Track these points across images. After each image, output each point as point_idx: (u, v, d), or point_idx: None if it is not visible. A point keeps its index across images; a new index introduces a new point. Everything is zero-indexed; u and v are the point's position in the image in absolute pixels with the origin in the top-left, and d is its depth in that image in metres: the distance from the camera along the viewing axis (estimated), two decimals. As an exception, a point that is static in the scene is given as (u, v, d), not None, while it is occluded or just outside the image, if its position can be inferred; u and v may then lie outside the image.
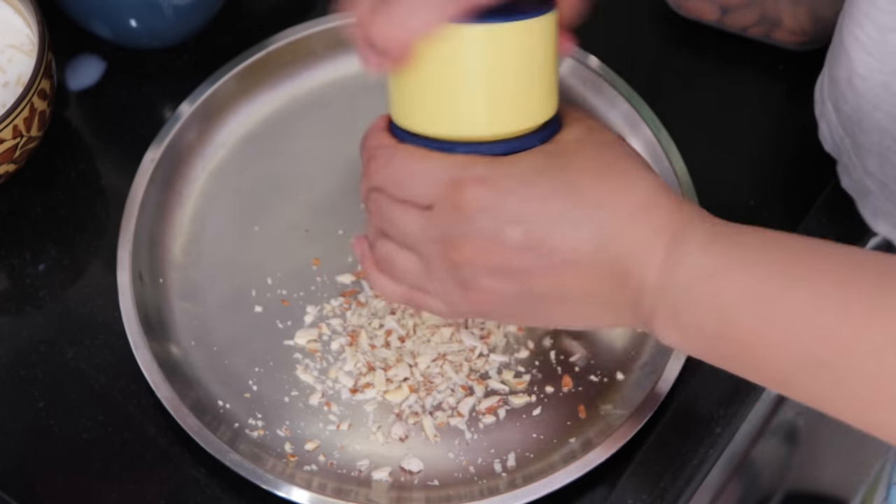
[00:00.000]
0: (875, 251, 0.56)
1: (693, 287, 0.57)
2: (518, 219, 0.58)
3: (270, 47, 0.81)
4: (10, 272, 0.78)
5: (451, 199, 0.59)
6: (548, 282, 0.60)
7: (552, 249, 0.59)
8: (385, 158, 0.62)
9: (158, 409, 0.71)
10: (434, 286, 0.63)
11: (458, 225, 0.59)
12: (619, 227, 0.58)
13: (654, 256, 0.57)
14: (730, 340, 0.56)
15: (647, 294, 0.58)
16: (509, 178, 0.59)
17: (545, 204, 0.58)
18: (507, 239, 0.59)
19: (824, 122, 0.75)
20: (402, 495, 0.70)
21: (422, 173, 0.60)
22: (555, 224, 0.58)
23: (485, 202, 0.59)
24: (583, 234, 0.58)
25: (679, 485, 0.70)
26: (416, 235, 0.61)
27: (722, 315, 0.56)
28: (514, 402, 0.73)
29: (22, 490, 0.71)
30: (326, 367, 0.74)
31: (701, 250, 0.57)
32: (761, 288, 0.55)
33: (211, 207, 0.79)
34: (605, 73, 0.80)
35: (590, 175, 0.59)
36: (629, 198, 0.59)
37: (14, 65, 0.78)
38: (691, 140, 0.79)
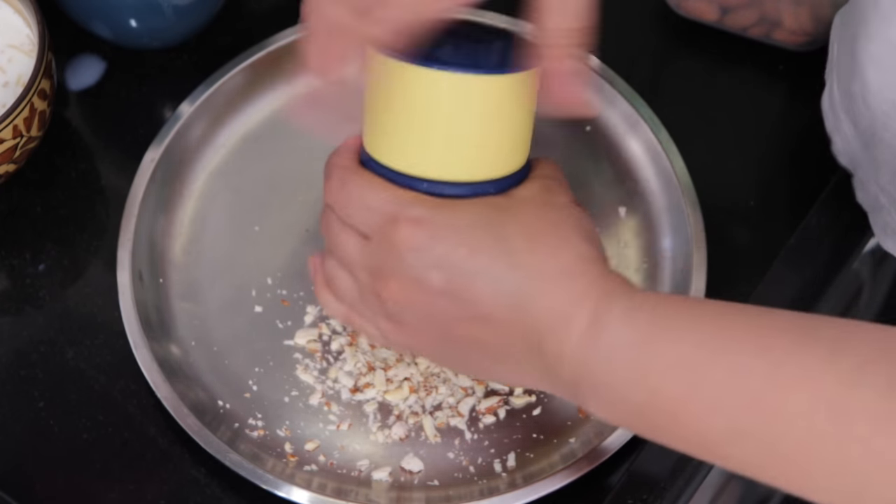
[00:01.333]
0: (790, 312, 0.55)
1: (615, 358, 0.56)
2: (442, 265, 0.59)
3: (270, 47, 0.81)
4: (10, 272, 0.78)
5: (386, 233, 0.60)
6: (467, 330, 0.60)
7: (470, 300, 0.59)
8: (340, 181, 0.63)
9: (158, 409, 0.71)
10: (366, 312, 0.64)
11: (388, 260, 0.60)
12: (537, 290, 0.58)
13: (574, 326, 0.57)
14: (655, 412, 0.56)
15: (566, 366, 0.58)
16: (444, 225, 0.60)
17: (471, 255, 0.59)
18: (429, 282, 0.59)
19: (838, 136, 0.75)
20: (402, 495, 0.70)
21: (366, 203, 0.61)
22: (476, 276, 0.59)
23: (415, 243, 0.59)
24: (500, 291, 0.59)
25: (679, 485, 0.70)
26: (353, 261, 0.63)
27: (645, 388, 0.56)
28: (514, 402, 0.73)
29: (22, 490, 0.71)
30: (326, 367, 0.74)
31: (623, 320, 0.56)
32: (686, 358, 0.55)
33: (211, 207, 0.79)
34: (605, 73, 0.80)
35: (523, 235, 0.59)
36: (554, 262, 0.59)
37: (14, 65, 0.78)
38: (691, 140, 0.79)
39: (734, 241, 0.78)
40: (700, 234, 0.75)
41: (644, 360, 0.56)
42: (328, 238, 0.64)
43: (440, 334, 0.61)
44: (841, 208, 0.78)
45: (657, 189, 0.78)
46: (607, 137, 0.80)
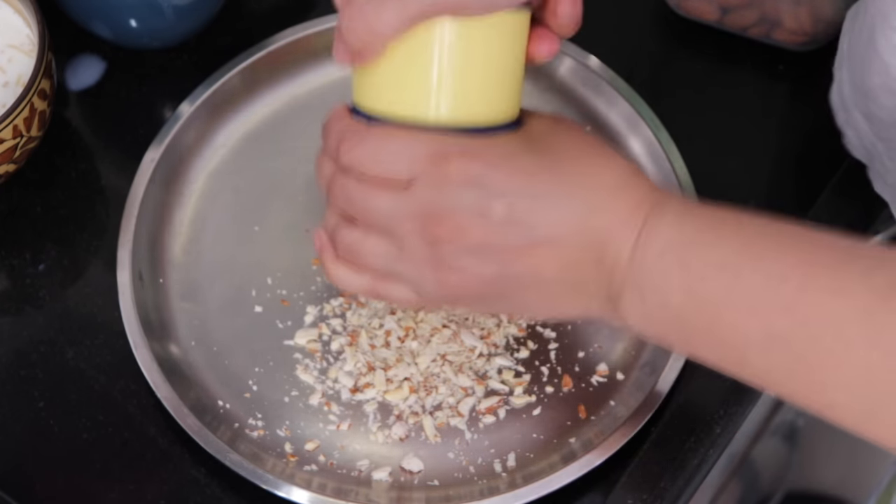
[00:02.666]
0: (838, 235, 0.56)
1: (662, 258, 0.57)
2: (503, 193, 0.58)
3: (270, 47, 0.81)
4: (10, 272, 0.78)
5: (437, 171, 0.58)
6: (526, 261, 0.59)
7: (535, 225, 0.58)
8: (358, 137, 0.60)
9: (158, 409, 0.71)
10: (406, 269, 0.61)
11: (441, 198, 0.58)
12: (601, 204, 0.58)
13: (631, 232, 0.58)
14: (693, 313, 0.56)
15: (618, 273, 0.58)
16: (494, 154, 0.59)
17: (530, 179, 0.58)
18: (491, 213, 0.58)
19: (851, 130, 0.75)
20: (402, 495, 0.70)
21: (402, 148, 0.59)
22: (539, 199, 0.58)
23: (471, 174, 0.58)
24: (566, 210, 0.58)
25: (679, 485, 0.70)
26: (389, 215, 0.60)
27: (686, 288, 0.56)
28: (514, 402, 0.73)
29: (22, 490, 0.71)
30: (326, 367, 0.74)
31: (674, 223, 0.57)
32: (727, 259, 0.56)
33: (211, 207, 0.79)
34: (605, 73, 0.80)
35: (569, 156, 0.59)
36: (608, 176, 0.59)
37: (14, 65, 0.78)
38: (691, 140, 0.79)
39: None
40: (700, 234, 0.75)
41: (687, 260, 0.56)
42: (347, 204, 0.61)
43: (495, 272, 0.59)
44: (842, 207, 0.78)
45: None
46: (607, 137, 0.80)
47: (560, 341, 0.74)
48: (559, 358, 0.74)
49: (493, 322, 0.74)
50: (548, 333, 0.75)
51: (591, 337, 0.74)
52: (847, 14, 0.76)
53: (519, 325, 0.74)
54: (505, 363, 0.73)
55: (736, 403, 0.72)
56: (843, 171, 0.79)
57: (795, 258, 0.54)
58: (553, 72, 0.81)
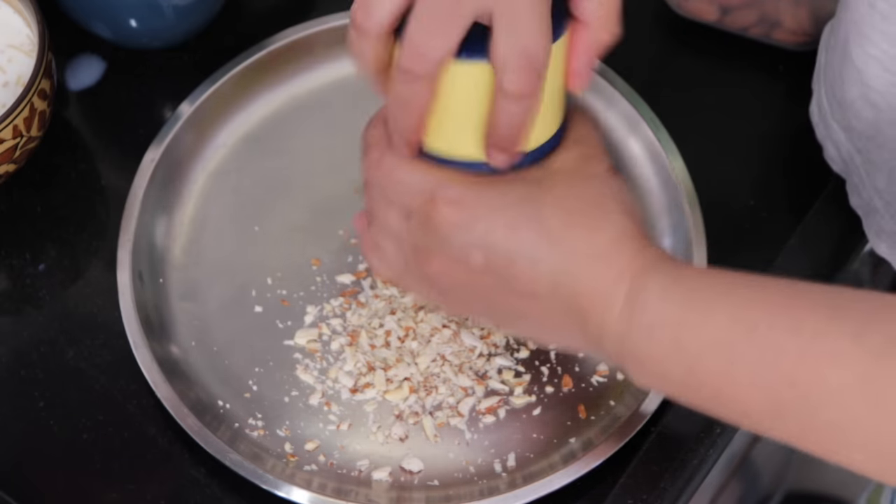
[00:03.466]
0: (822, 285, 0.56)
1: (653, 337, 0.57)
2: (482, 244, 0.60)
3: (270, 47, 0.81)
4: (10, 272, 0.78)
5: (426, 213, 0.61)
6: (511, 304, 0.61)
7: (512, 278, 0.60)
8: (377, 159, 0.63)
9: (158, 409, 0.71)
10: (413, 281, 0.64)
11: (429, 239, 0.61)
12: (577, 270, 0.59)
13: (613, 304, 0.58)
14: (697, 388, 0.57)
15: (610, 340, 0.59)
16: (481, 204, 0.60)
17: (510, 235, 0.59)
18: (470, 261, 0.60)
19: (830, 144, 0.75)
20: (402, 495, 0.70)
21: (403, 183, 0.62)
22: (516, 255, 0.59)
23: (454, 222, 0.60)
24: (539, 271, 0.59)
25: (679, 485, 0.70)
26: (397, 235, 0.63)
27: (685, 365, 0.56)
28: (514, 402, 0.73)
29: (22, 490, 0.71)
30: (326, 367, 0.74)
31: (660, 298, 0.57)
32: (720, 337, 0.55)
33: (211, 207, 0.79)
34: (605, 73, 0.80)
35: (560, 212, 0.60)
36: (592, 241, 0.59)
37: (14, 65, 0.78)
38: (691, 140, 0.79)
39: (734, 241, 0.78)
40: (700, 234, 0.75)
41: (681, 339, 0.56)
42: (371, 209, 0.65)
43: (486, 305, 0.62)
44: (841, 208, 0.78)
45: (657, 189, 0.78)
46: (607, 137, 0.80)
47: (560, 341, 0.74)
48: (559, 358, 0.74)
49: (493, 322, 0.74)
50: (548, 333, 0.75)
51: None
52: (825, 29, 0.76)
53: (519, 325, 0.75)
54: (505, 363, 0.73)
55: (736, 403, 0.72)
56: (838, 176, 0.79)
57: (787, 325, 0.54)
58: (553, 72, 0.81)
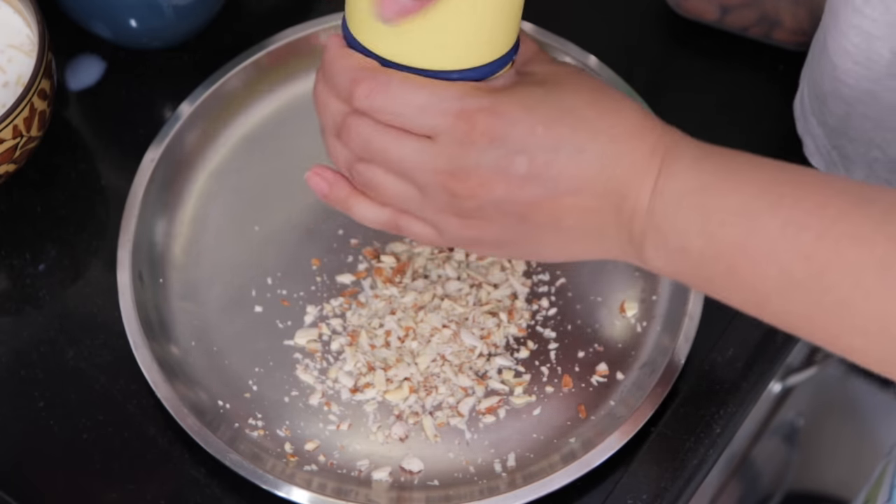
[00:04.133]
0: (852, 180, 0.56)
1: (681, 203, 0.57)
2: (524, 148, 0.58)
3: (270, 47, 0.81)
4: (10, 272, 0.78)
5: (460, 129, 0.59)
6: (546, 211, 0.60)
7: (555, 177, 0.59)
8: (379, 83, 0.60)
9: (158, 409, 0.71)
10: (427, 212, 0.62)
11: (465, 157, 0.59)
12: (618, 150, 0.59)
13: (649, 179, 0.58)
14: (713, 258, 0.57)
15: (638, 219, 0.59)
16: (515, 108, 0.59)
17: (549, 130, 0.59)
18: (513, 169, 0.59)
19: (809, 138, 0.76)
20: (402, 495, 0.70)
21: (429, 103, 0.59)
22: (559, 152, 0.59)
23: (494, 132, 0.58)
24: (585, 159, 0.59)
25: (679, 485, 0.70)
26: (413, 164, 0.60)
27: (706, 234, 0.57)
28: (514, 402, 0.73)
29: (22, 490, 0.71)
30: (326, 367, 0.74)
31: (692, 168, 0.58)
32: (745, 205, 0.56)
33: (211, 207, 0.79)
34: (605, 73, 0.80)
35: (585, 104, 0.59)
36: (624, 121, 0.59)
37: (14, 65, 0.78)
38: (691, 140, 0.79)
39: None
40: (700, 234, 0.75)
41: (706, 206, 0.57)
42: (364, 147, 0.61)
43: (517, 221, 0.60)
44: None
45: (657, 189, 0.78)
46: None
47: (560, 341, 0.74)
48: (559, 358, 0.74)
49: (493, 322, 0.74)
50: (548, 333, 0.75)
51: (591, 337, 0.74)
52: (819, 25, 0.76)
53: (519, 325, 0.75)
54: (505, 363, 0.73)
55: (736, 403, 0.72)
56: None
57: (812, 203, 0.55)
58: (553, 72, 0.81)
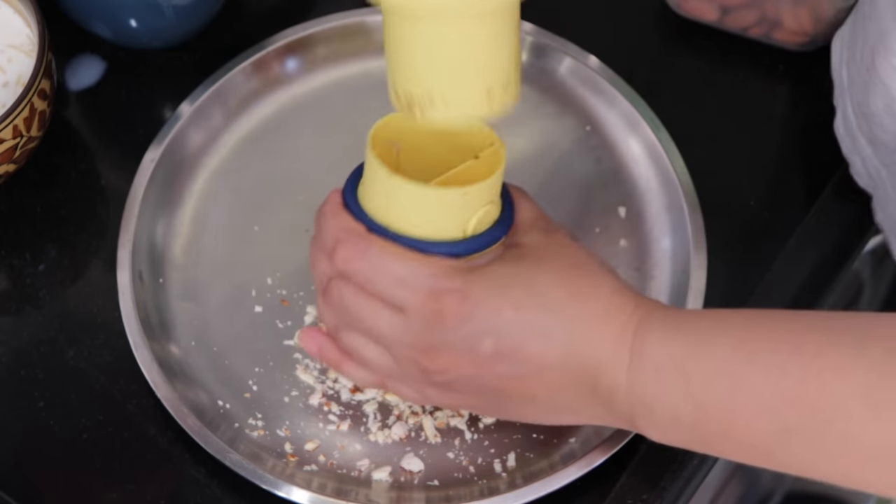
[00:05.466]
0: (823, 312, 0.57)
1: (660, 379, 0.58)
2: (491, 329, 0.60)
3: (270, 47, 0.81)
4: (10, 272, 0.78)
5: (430, 308, 0.60)
6: (519, 388, 0.62)
7: (524, 359, 0.60)
8: (358, 250, 0.62)
9: (158, 409, 0.71)
10: (405, 382, 0.64)
11: (433, 334, 0.61)
12: (586, 335, 0.60)
13: (622, 360, 0.59)
14: (706, 424, 0.58)
15: (621, 396, 0.60)
16: (483, 289, 0.60)
17: (516, 313, 0.60)
18: (480, 349, 0.60)
19: (857, 158, 0.75)
20: (402, 495, 0.70)
21: (400, 277, 0.61)
22: (525, 333, 0.60)
23: (462, 314, 0.60)
24: (552, 343, 0.60)
25: (679, 485, 0.70)
26: (387, 335, 0.62)
27: (692, 400, 0.57)
28: (514, 402, 0.73)
29: (22, 490, 0.71)
30: (326, 367, 0.73)
31: (663, 342, 0.58)
32: (723, 366, 0.57)
33: (211, 207, 0.79)
34: (605, 73, 0.80)
35: (556, 284, 0.61)
36: (593, 303, 0.60)
37: (14, 65, 0.78)
38: (691, 140, 0.79)
39: (734, 241, 0.78)
40: (700, 234, 0.75)
41: (687, 376, 0.57)
42: (345, 313, 0.63)
43: (492, 394, 0.62)
44: (841, 208, 0.78)
45: (657, 189, 0.78)
46: (607, 137, 0.80)
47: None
48: (559, 358, 0.74)
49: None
50: (548, 333, 0.75)
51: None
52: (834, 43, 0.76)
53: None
54: (505, 363, 0.73)
55: (736, 403, 0.72)
56: (844, 171, 0.79)
57: (789, 346, 0.55)
58: (553, 72, 0.81)
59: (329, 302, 0.64)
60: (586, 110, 0.81)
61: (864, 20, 0.71)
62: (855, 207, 0.78)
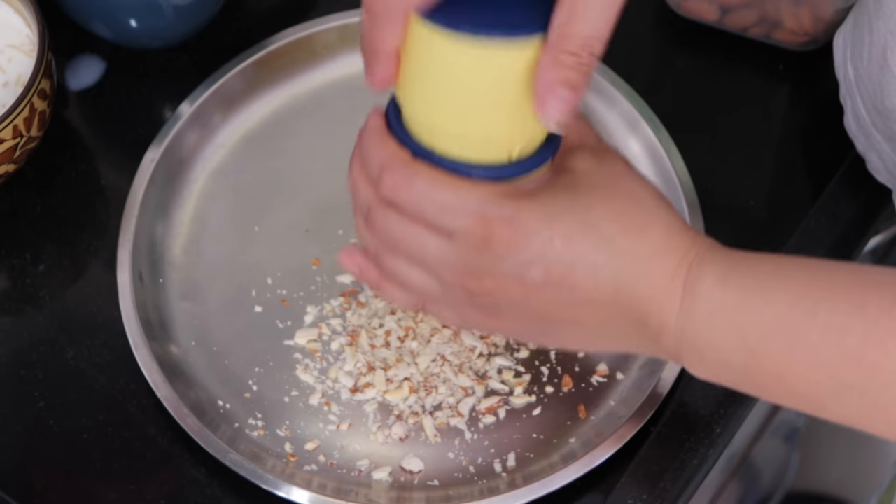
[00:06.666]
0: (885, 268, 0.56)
1: (714, 325, 0.57)
2: (540, 259, 0.59)
3: (270, 47, 0.81)
4: (10, 272, 0.78)
5: (479, 235, 0.59)
6: (565, 314, 0.60)
7: (572, 287, 0.59)
8: (405, 178, 0.60)
9: (158, 409, 0.71)
10: (449, 304, 0.63)
11: (481, 260, 0.60)
12: (637, 272, 0.59)
13: (673, 300, 0.58)
14: (758, 373, 0.57)
15: (670, 336, 0.59)
16: (534, 218, 0.59)
17: (567, 243, 0.59)
18: (529, 277, 0.59)
19: (874, 154, 0.75)
20: (402, 495, 0.70)
21: (450, 205, 0.60)
22: (576, 265, 0.59)
23: (510, 242, 0.59)
24: (602, 277, 0.59)
25: (679, 485, 0.70)
26: (434, 259, 0.61)
27: (746, 349, 0.56)
28: (514, 402, 0.73)
29: (22, 490, 0.71)
30: (326, 367, 0.74)
31: (718, 287, 0.57)
32: (782, 318, 0.56)
33: (211, 207, 0.79)
34: (605, 73, 0.80)
35: (610, 217, 0.59)
36: (646, 240, 0.59)
37: (14, 65, 0.78)
38: (691, 140, 0.79)
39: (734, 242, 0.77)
40: (700, 234, 0.75)
41: (741, 324, 0.56)
42: (389, 237, 0.62)
43: (538, 319, 0.61)
44: (841, 208, 0.78)
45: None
46: (607, 137, 0.80)
47: (560, 341, 0.74)
48: (559, 358, 0.74)
49: (493, 322, 0.74)
50: (548, 333, 0.75)
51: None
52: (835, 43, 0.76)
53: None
54: (505, 363, 0.73)
55: (736, 403, 0.72)
56: (844, 172, 0.79)
57: (850, 305, 0.54)
58: (553, 72, 0.81)
59: (372, 227, 0.63)
60: (586, 110, 0.80)
61: (869, 18, 0.71)
62: (855, 207, 0.78)
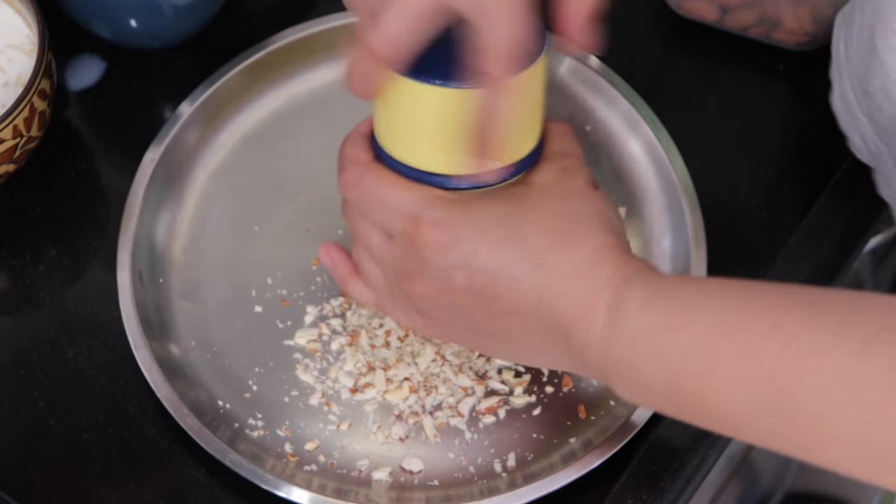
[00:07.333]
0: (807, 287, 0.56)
1: (637, 347, 0.58)
2: (464, 265, 0.60)
3: (270, 47, 0.81)
4: (10, 272, 0.78)
5: (408, 234, 0.61)
6: (494, 326, 0.62)
7: (495, 297, 0.60)
8: (355, 176, 0.63)
9: (158, 409, 0.71)
10: (396, 304, 0.65)
11: (411, 260, 0.61)
12: (558, 289, 0.59)
13: (595, 320, 0.59)
14: (678, 393, 0.57)
15: (593, 356, 0.59)
16: (464, 225, 0.60)
17: (492, 254, 0.60)
18: (453, 282, 0.61)
19: (856, 134, 0.75)
20: (402, 495, 0.70)
21: (385, 203, 0.62)
22: (497, 276, 0.60)
23: (437, 245, 0.60)
24: (522, 290, 0.60)
25: (679, 485, 0.70)
26: (379, 255, 0.64)
27: (667, 369, 0.57)
28: (514, 402, 0.73)
29: (22, 490, 0.71)
30: (326, 367, 0.74)
31: (641, 309, 0.58)
32: (702, 338, 0.56)
33: (211, 207, 0.79)
34: (605, 73, 0.80)
35: (541, 232, 0.60)
36: (572, 258, 0.60)
37: (14, 65, 0.78)
38: (691, 140, 0.79)
39: (734, 241, 0.78)
40: (700, 234, 0.75)
41: (663, 345, 0.57)
42: (352, 228, 0.65)
43: (468, 327, 0.63)
44: (841, 208, 0.78)
45: (657, 189, 0.78)
46: (607, 137, 0.80)
47: (560, 341, 0.74)
48: (559, 358, 0.74)
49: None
50: (548, 333, 0.75)
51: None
52: (836, 20, 0.76)
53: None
54: (505, 363, 0.73)
55: (736, 403, 0.72)
56: (844, 172, 0.79)
57: (768, 324, 0.54)
58: (553, 72, 0.81)
59: (345, 219, 0.66)
60: (586, 110, 0.81)
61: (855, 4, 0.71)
62: (855, 207, 0.78)
